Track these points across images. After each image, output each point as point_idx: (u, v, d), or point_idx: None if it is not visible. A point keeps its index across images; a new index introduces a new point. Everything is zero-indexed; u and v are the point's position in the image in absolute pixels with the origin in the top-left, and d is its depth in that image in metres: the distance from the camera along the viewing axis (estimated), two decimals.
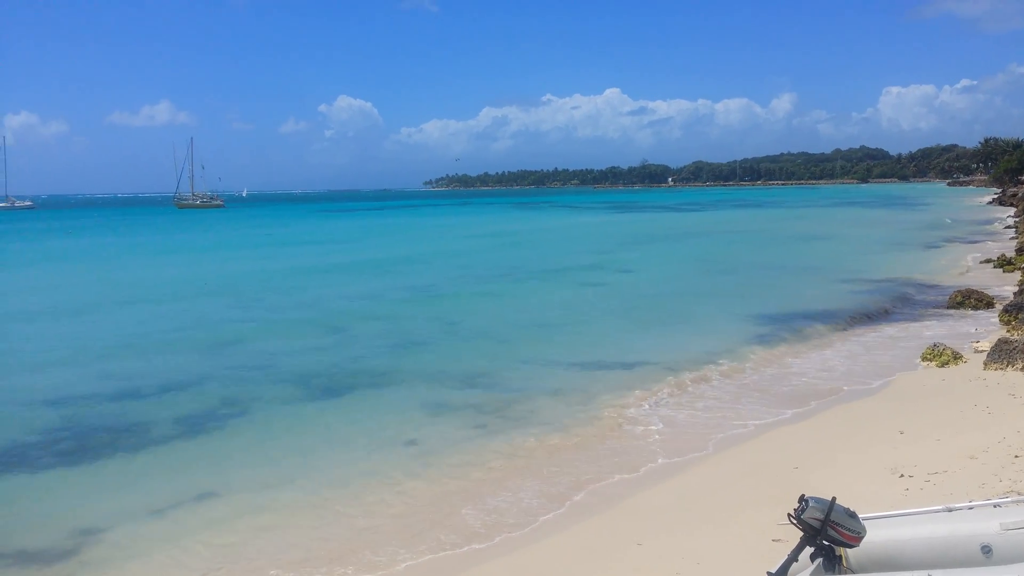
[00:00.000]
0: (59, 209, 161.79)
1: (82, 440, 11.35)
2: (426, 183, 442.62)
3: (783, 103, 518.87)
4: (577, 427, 11.57)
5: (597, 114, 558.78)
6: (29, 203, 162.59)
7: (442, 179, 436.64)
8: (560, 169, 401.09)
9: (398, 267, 35.38)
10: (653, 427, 11.53)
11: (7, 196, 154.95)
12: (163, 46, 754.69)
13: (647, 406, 12.52)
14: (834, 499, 3.72)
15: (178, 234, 68.23)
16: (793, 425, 11.30)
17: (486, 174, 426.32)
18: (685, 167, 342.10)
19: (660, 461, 10.13)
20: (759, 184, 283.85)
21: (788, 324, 19.17)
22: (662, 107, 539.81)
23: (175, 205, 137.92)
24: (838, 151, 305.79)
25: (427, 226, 75.19)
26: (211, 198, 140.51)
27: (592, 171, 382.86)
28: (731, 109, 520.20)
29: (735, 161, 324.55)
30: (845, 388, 13.27)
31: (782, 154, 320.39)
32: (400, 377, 14.72)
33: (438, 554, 7.75)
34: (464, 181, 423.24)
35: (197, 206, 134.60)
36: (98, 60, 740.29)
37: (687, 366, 15.03)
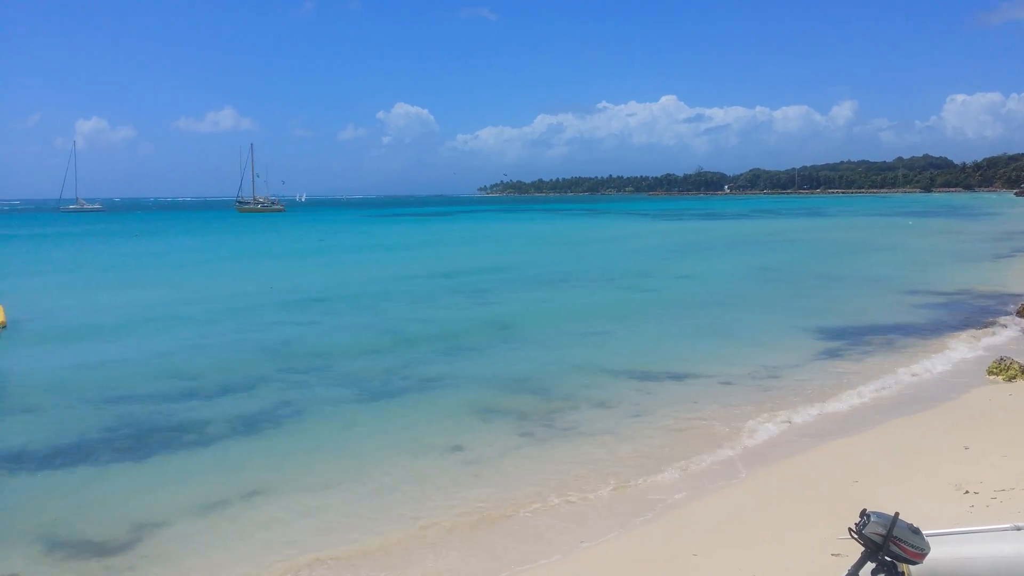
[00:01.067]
0: (126, 212, 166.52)
1: (145, 437, 11.67)
2: (480, 189, 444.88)
3: (843, 110, 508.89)
4: (625, 436, 11.50)
5: (653, 121, 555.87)
6: (98, 206, 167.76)
7: (496, 185, 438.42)
8: (614, 176, 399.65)
9: (452, 273, 35.61)
10: (705, 437, 11.40)
11: (77, 199, 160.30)
12: (228, 54, 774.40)
13: (698, 416, 12.39)
14: (897, 514, 3.65)
15: (239, 238, 69.70)
16: (853, 438, 11.06)
17: (540, 181, 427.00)
18: (742, 175, 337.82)
19: (713, 471, 10.02)
20: (818, 192, 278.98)
21: (848, 335, 18.80)
22: (719, 114, 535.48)
23: (236, 209, 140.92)
24: (900, 160, 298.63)
25: (481, 232, 75.52)
26: (271, 202, 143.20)
27: (647, 178, 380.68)
28: (790, 116, 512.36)
29: (793, 169, 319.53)
30: (907, 401, 12.96)
31: (842, 162, 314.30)
32: (451, 381, 14.83)
33: (487, 560, 7.78)
34: (518, 188, 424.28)
35: (257, 210, 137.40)
36: (165, 67, 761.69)
37: (741, 376, 14.85)
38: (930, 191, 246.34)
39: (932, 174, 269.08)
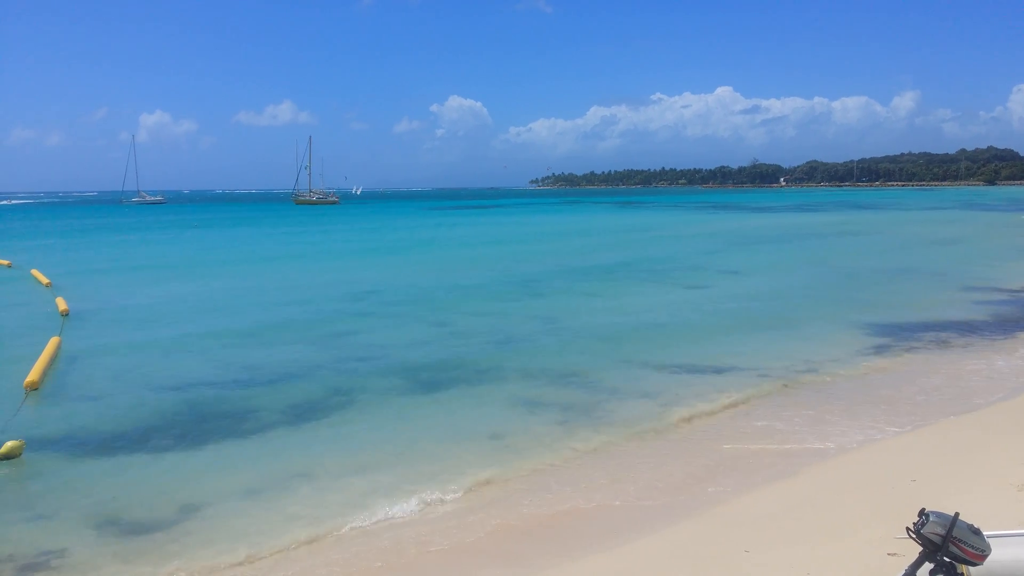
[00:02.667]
0: (186, 204, 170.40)
1: (200, 422, 11.95)
2: (532, 182, 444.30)
3: (905, 101, 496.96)
4: (670, 430, 11.45)
5: (707, 112, 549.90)
6: (160, 198, 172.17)
7: (548, 178, 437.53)
8: (668, 168, 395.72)
9: (504, 264, 35.70)
10: (755, 433, 11.26)
11: (139, 191, 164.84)
12: (288, 48, 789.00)
13: (750, 412, 12.26)
14: (957, 514, 3.59)
15: (295, 229, 70.80)
16: (911, 436, 10.83)
17: (592, 173, 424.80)
18: (798, 167, 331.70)
19: (764, 467, 9.88)
20: (877, 185, 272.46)
21: (908, 332, 18.39)
22: (775, 105, 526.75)
23: (293, 201, 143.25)
24: (963, 151, 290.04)
25: (532, 225, 75.47)
26: (327, 195, 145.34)
27: (700, 171, 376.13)
28: (849, 107, 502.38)
29: (852, 161, 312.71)
30: (968, 399, 12.63)
31: (902, 154, 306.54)
32: (497, 373, 14.89)
33: (527, 555, 7.81)
34: (570, 180, 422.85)
35: (313, 202, 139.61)
36: (227, 61, 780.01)
37: (795, 372, 14.65)
38: (994, 184, 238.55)
39: (996, 166, 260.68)
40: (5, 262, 37.06)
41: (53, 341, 16.78)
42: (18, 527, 8.38)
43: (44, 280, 29.54)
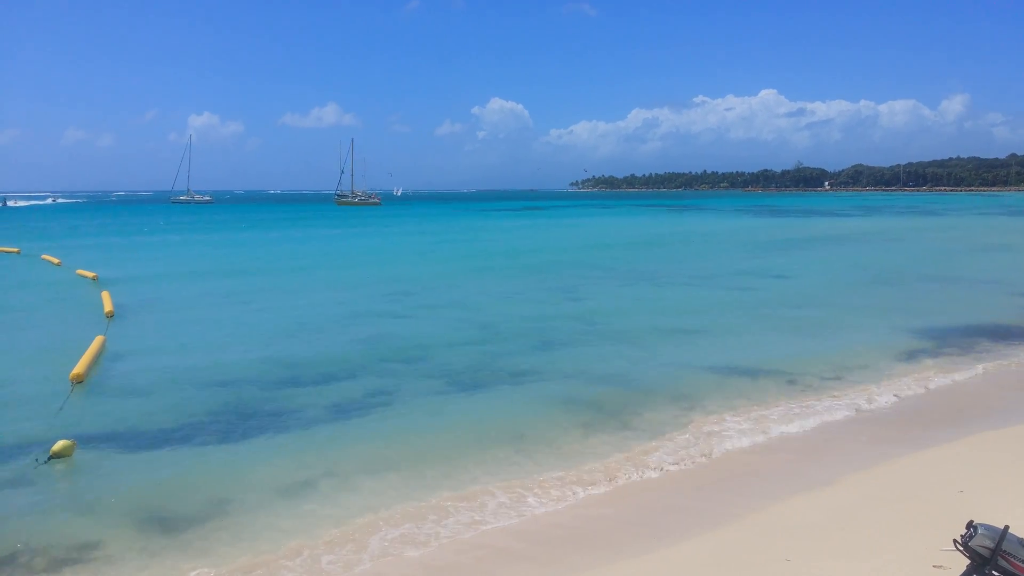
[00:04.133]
0: (233, 204, 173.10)
1: (239, 420, 12.06)
2: (572, 184, 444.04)
3: (954, 104, 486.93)
4: (705, 436, 11.26)
5: (751, 115, 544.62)
6: (208, 198, 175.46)
7: (588, 180, 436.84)
8: (710, 171, 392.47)
9: (545, 267, 35.63)
10: (790, 440, 11.10)
11: (188, 190, 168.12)
12: (334, 51, 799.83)
13: (791, 418, 12.03)
14: (1007, 527, 3.46)
15: (337, 230, 71.49)
16: (957, 446, 10.54)
17: (633, 176, 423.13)
18: (843, 171, 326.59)
19: (799, 475, 9.70)
20: (924, 190, 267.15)
21: (954, 339, 17.97)
22: (821, 108, 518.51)
23: (335, 202, 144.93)
24: (1014, 156, 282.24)
25: (572, 227, 75.34)
26: (368, 196, 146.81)
27: (743, 174, 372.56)
28: (896, 111, 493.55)
29: (898, 165, 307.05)
30: (1018, 410, 12.28)
31: (951, 159, 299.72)
32: (537, 376, 14.81)
33: (561, 561, 7.76)
34: (610, 183, 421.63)
35: (355, 203, 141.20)
36: (274, 64, 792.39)
37: (835, 379, 14.39)
38: None
39: None
40: (55, 260, 38.03)
41: (98, 339, 17.08)
42: (58, 520, 8.51)
43: (90, 275, 30.21)
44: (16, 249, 45.53)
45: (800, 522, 8.13)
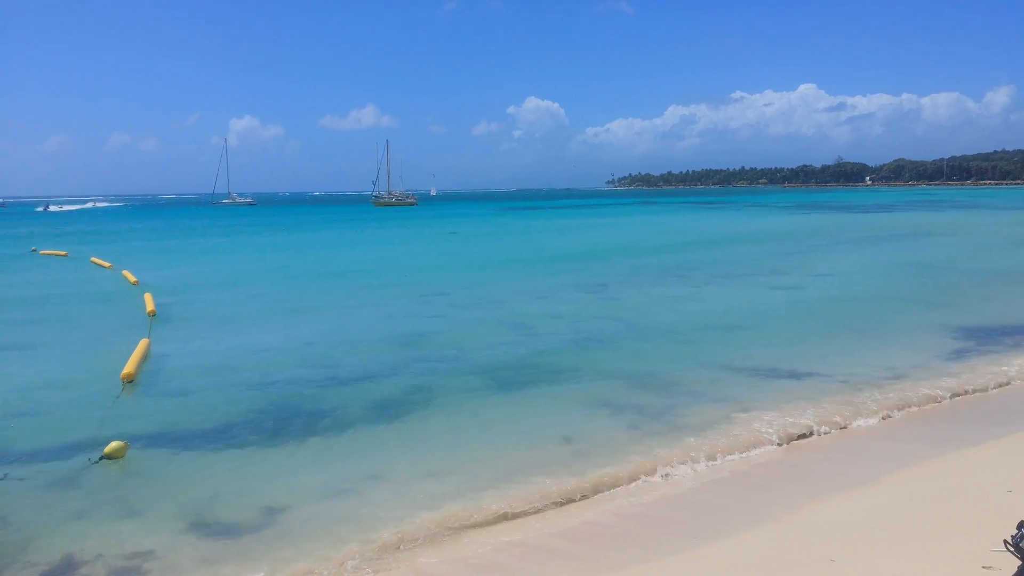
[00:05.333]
0: (274, 206, 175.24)
1: (283, 421, 12.19)
2: (608, 182, 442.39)
3: (999, 96, 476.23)
4: (745, 434, 11.16)
5: (790, 110, 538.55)
6: (250, 199, 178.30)
7: (624, 178, 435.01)
8: (748, 168, 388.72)
9: (581, 266, 35.55)
10: (831, 440, 10.97)
11: (229, 193, 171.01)
12: (372, 53, 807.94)
13: (833, 417, 11.87)
14: None
15: (375, 230, 72.02)
16: (1005, 443, 10.33)
17: (670, 173, 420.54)
18: (885, 165, 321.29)
19: (840, 473, 9.59)
20: (969, 184, 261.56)
21: (1002, 335, 17.63)
22: (861, 102, 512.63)
23: (372, 203, 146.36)
24: None
25: (609, 225, 75.06)
26: (405, 196, 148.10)
27: (782, 170, 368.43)
28: (939, 104, 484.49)
29: (942, 159, 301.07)
30: None
31: (995, 152, 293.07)
32: (574, 375, 14.80)
33: (598, 558, 7.73)
34: (647, 180, 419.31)
35: (392, 204, 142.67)
36: (314, 67, 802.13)
37: (878, 377, 14.16)
38: None
39: None
40: (106, 264, 38.85)
41: (143, 342, 17.40)
42: (112, 524, 8.62)
43: (132, 279, 30.82)
44: (64, 252, 46.63)
45: (843, 521, 8.04)
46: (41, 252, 48.75)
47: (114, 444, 10.42)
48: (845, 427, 11.47)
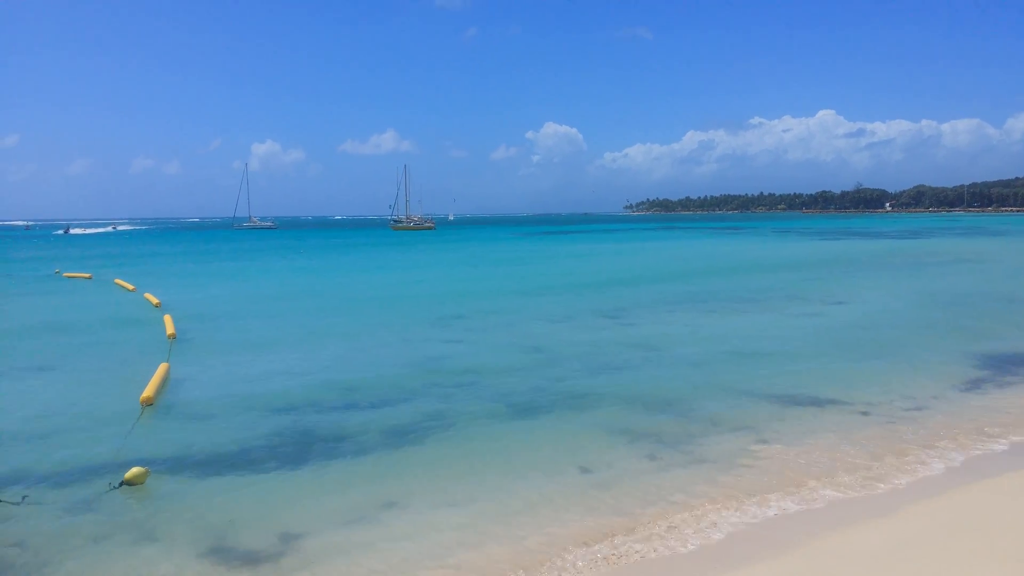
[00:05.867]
0: (295, 229, 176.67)
1: (301, 446, 12.20)
2: (626, 207, 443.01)
3: (1020, 123, 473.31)
4: (764, 462, 11.08)
5: (809, 136, 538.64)
6: (270, 223, 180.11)
7: (642, 203, 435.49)
8: (766, 193, 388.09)
9: (597, 291, 35.51)
10: (852, 467, 10.81)
11: (250, 217, 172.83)
12: (393, 79, 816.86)
13: (844, 445, 11.77)
14: None
15: (392, 254, 72.35)
16: None
17: (688, 198, 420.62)
18: (905, 192, 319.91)
19: (859, 503, 9.47)
20: (990, 211, 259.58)
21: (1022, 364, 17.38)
22: (881, 128, 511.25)
23: (391, 227, 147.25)
24: None
25: (625, 251, 74.98)
26: (423, 221, 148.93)
27: (801, 195, 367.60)
28: (959, 130, 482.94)
29: (962, 186, 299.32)
30: None
31: (1017, 178, 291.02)
32: (592, 401, 14.73)
33: None
34: (665, 205, 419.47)
35: (410, 228, 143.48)
36: (335, 92, 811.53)
37: (899, 406, 14.03)
38: None
39: None
40: (130, 286, 39.30)
41: (163, 366, 17.50)
42: (128, 549, 8.62)
43: (155, 301, 31.11)
44: (88, 275, 47.20)
45: (866, 550, 7.93)
46: (65, 274, 49.45)
47: (135, 470, 10.42)
48: (870, 454, 11.32)
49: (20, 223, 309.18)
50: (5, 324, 26.64)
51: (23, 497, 9.94)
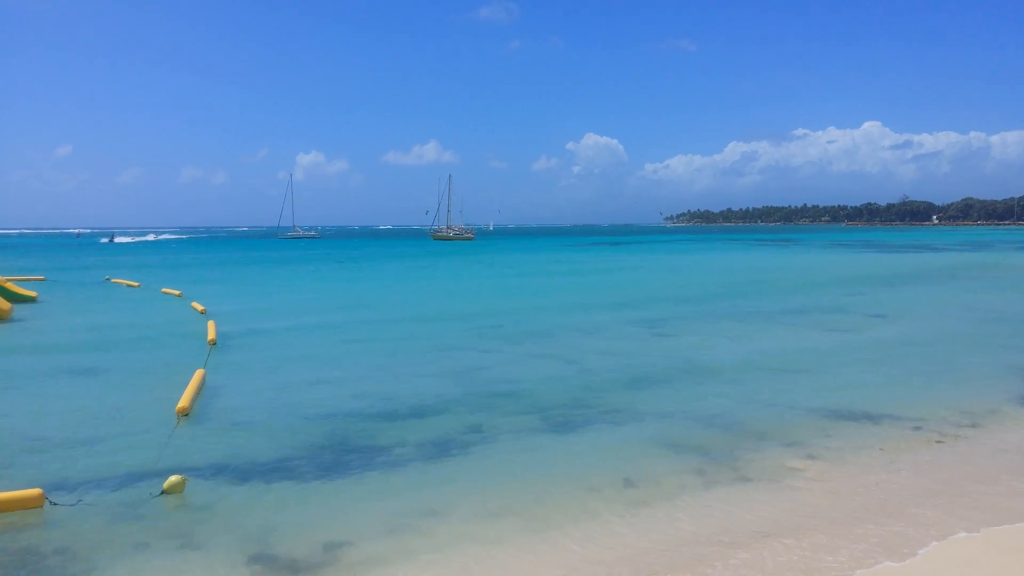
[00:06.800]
0: (337, 239, 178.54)
1: (339, 454, 12.18)
2: (666, 218, 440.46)
3: None
4: (821, 482, 10.76)
5: (854, 148, 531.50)
6: (314, 233, 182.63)
7: (683, 214, 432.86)
8: (810, 205, 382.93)
9: (631, 303, 35.25)
10: (917, 488, 10.48)
11: (294, 226, 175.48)
12: (436, 91, 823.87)
13: (909, 465, 11.43)
14: None
15: (431, 263, 72.71)
16: None
17: (729, 210, 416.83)
18: (952, 204, 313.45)
19: (931, 527, 9.13)
20: None
21: None
22: (928, 140, 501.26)
23: (431, 237, 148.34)
24: None
25: (663, 262, 74.46)
26: (463, 231, 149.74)
27: (845, 207, 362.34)
28: (1009, 142, 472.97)
29: (1012, 198, 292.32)
30: None
31: None
32: (632, 415, 14.54)
33: None
34: (706, 217, 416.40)
35: (450, 238, 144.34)
36: (379, 103, 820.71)
37: (947, 423, 13.63)
38: None
39: None
40: (176, 292, 40.09)
41: (199, 373, 17.71)
42: (170, 556, 8.64)
43: (200, 309, 31.60)
44: (136, 283, 48.21)
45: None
46: (113, 281, 50.68)
47: (172, 479, 10.46)
48: (926, 476, 10.93)
49: (72, 231, 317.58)
50: (57, 329, 27.26)
51: (77, 500, 10.12)
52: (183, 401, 14.81)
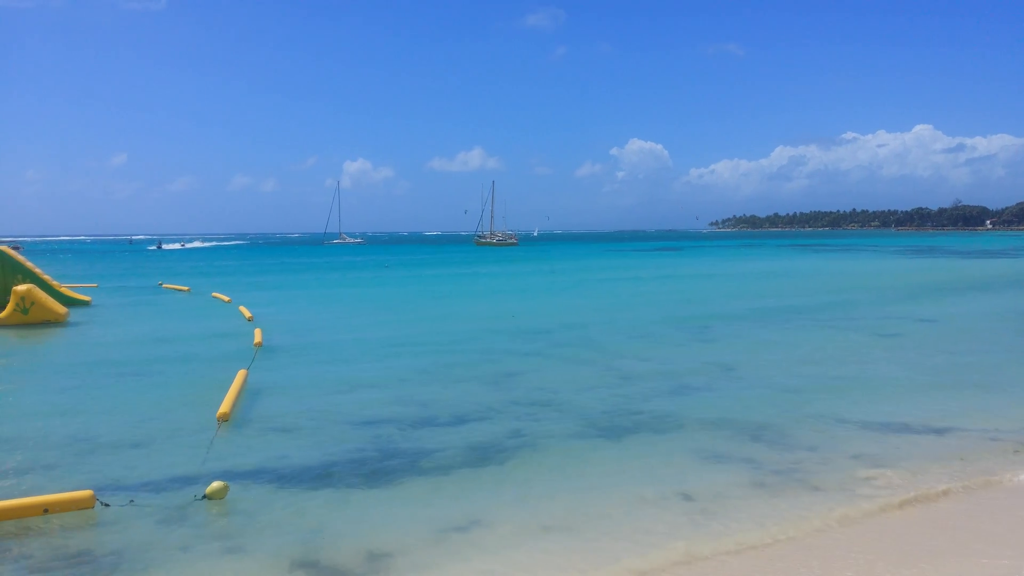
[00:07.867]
0: (382, 245, 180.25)
1: (382, 460, 12.09)
2: (711, 224, 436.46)
3: None
4: (882, 497, 10.35)
5: (905, 152, 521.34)
6: (360, 239, 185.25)
7: (728, 220, 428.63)
8: (859, 210, 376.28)
9: (676, 307, 34.88)
10: (972, 507, 10.06)
11: (340, 233, 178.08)
12: (482, 97, 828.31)
13: (966, 481, 10.95)
14: None
15: (475, 269, 72.89)
16: None
17: (776, 215, 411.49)
18: (1007, 208, 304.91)
19: (990, 539, 8.74)
20: None
21: None
22: (982, 143, 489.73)
23: (474, 243, 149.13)
24: None
25: (709, 268, 73.62)
26: (507, 237, 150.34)
27: (895, 212, 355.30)
28: None
29: None
30: None
31: None
32: (675, 421, 14.28)
33: None
34: (752, 222, 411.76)
35: (494, 244, 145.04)
36: (425, 110, 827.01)
37: (1012, 435, 13.14)
38: None
39: None
40: (225, 298, 40.88)
41: (241, 373, 17.89)
42: (214, 560, 8.62)
43: (248, 315, 32.05)
44: (187, 288, 49.23)
45: None
46: (164, 285, 51.95)
47: (215, 485, 10.45)
48: (981, 494, 10.53)
49: (125, 237, 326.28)
50: (109, 333, 27.85)
51: (130, 500, 10.25)
52: (224, 406, 14.91)
